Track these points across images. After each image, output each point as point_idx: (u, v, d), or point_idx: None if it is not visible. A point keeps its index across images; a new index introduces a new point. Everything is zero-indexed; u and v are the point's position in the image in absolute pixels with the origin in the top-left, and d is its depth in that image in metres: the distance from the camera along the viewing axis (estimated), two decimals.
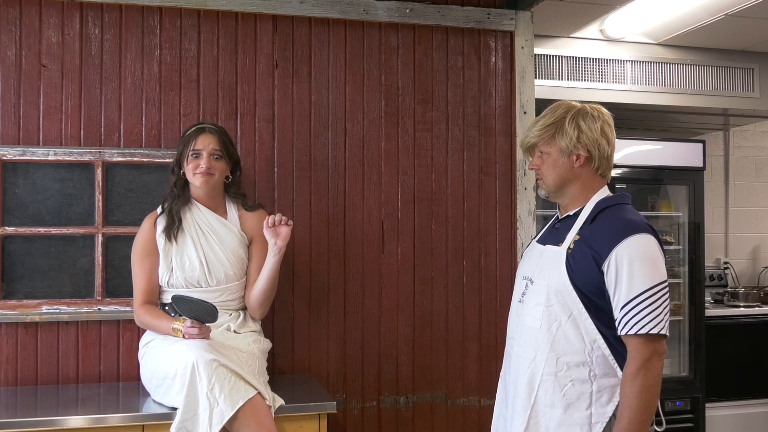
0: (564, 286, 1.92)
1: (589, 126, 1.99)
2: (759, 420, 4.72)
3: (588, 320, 1.90)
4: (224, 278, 2.56)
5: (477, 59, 3.25)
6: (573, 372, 1.91)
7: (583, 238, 1.94)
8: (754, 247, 5.61)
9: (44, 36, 2.83)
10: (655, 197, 4.73)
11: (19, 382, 2.76)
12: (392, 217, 3.12)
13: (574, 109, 2.02)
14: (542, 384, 1.94)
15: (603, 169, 2.03)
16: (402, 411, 3.10)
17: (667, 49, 4.43)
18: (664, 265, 1.90)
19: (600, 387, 1.90)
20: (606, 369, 1.90)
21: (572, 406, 1.90)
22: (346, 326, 3.06)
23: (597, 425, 1.88)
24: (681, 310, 4.52)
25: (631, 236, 1.87)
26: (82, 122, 2.85)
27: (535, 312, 1.98)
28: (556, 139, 2.00)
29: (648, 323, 1.81)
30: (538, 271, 2.02)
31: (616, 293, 1.86)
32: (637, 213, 2.00)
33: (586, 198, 2.02)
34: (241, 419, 2.20)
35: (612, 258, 1.86)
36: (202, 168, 2.54)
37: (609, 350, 1.89)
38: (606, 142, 2.00)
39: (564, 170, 2.02)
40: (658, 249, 1.91)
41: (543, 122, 2.04)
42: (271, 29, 3.03)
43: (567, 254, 1.94)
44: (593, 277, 1.89)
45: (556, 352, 1.92)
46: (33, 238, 2.79)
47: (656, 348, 1.83)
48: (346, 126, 3.10)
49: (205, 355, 2.23)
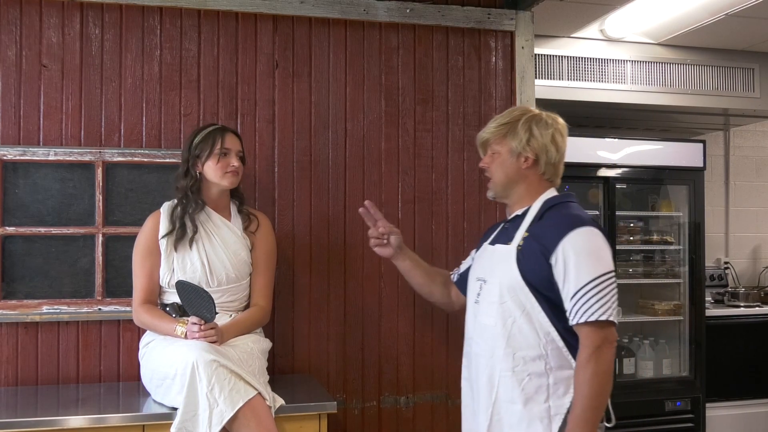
0: (516, 282, 2.00)
1: (541, 132, 2.10)
2: (759, 420, 4.72)
3: (541, 314, 1.97)
4: (225, 279, 2.55)
5: (477, 59, 3.25)
6: (529, 366, 1.97)
7: (531, 235, 2.03)
8: (755, 247, 5.61)
9: (44, 36, 2.83)
10: (655, 197, 4.73)
11: (20, 382, 2.76)
12: (393, 217, 3.12)
13: (530, 114, 2.14)
14: (501, 380, 2.00)
15: (550, 174, 2.14)
16: (402, 411, 3.10)
17: (667, 49, 4.43)
18: (610, 255, 1.98)
19: (556, 379, 1.96)
20: (561, 361, 1.97)
21: (531, 399, 1.97)
22: (346, 326, 3.06)
23: (556, 417, 1.95)
24: (681, 310, 4.51)
25: (577, 229, 1.96)
26: (83, 122, 2.85)
27: (490, 310, 2.05)
28: (508, 138, 2.11)
29: (596, 311, 1.88)
30: (490, 271, 2.10)
31: (565, 284, 1.94)
32: (582, 209, 2.11)
33: (533, 198, 2.12)
34: (241, 419, 2.20)
35: (559, 251, 1.94)
36: (234, 167, 2.52)
37: (562, 342, 1.97)
38: (555, 149, 2.12)
39: (511, 170, 2.12)
40: (603, 241, 1.99)
41: (499, 121, 2.15)
42: (271, 29, 3.03)
43: (517, 251, 2.03)
44: (543, 271, 1.97)
45: (513, 348, 1.99)
46: (33, 238, 2.79)
47: (606, 335, 1.90)
48: (347, 126, 3.10)
49: (205, 355, 2.23)
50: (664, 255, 4.67)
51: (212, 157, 2.51)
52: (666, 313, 4.48)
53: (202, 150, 2.52)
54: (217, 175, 2.52)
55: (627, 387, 4.31)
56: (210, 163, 2.52)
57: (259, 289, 2.63)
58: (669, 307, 4.48)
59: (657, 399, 4.35)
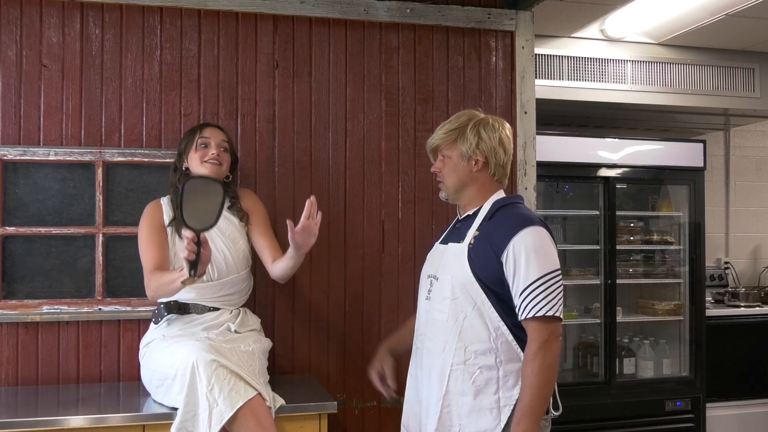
0: (467, 278, 2.06)
1: (489, 135, 2.16)
2: (760, 420, 4.72)
3: (491, 309, 2.04)
4: (225, 270, 2.55)
5: (477, 59, 3.25)
6: (480, 359, 2.04)
7: (482, 234, 2.10)
8: (755, 247, 5.61)
9: (45, 36, 2.83)
10: (655, 197, 4.73)
11: (20, 382, 2.76)
12: (393, 217, 3.12)
13: (477, 118, 2.20)
14: (453, 373, 2.06)
15: (499, 176, 2.21)
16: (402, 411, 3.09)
17: (667, 49, 4.43)
18: (556, 254, 2.06)
19: (506, 372, 2.03)
20: (510, 354, 2.03)
21: (481, 392, 2.03)
22: (346, 326, 3.06)
23: (505, 408, 2.01)
24: (681, 310, 4.52)
25: (526, 228, 2.03)
26: (83, 122, 2.85)
27: (442, 306, 2.11)
28: (458, 143, 2.18)
29: (543, 307, 1.96)
30: (441, 268, 2.17)
31: (514, 281, 2.01)
32: (530, 210, 2.21)
33: (484, 199, 2.19)
34: (240, 420, 2.20)
35: (509, 249, 2.01)
36: (213, 154, 2.55)
37: (512, 336, 2.04)
38: (503, 151, 2.19)
39: (463, 173, 2.18)
40: (550, 240, 2.08)
41: (447, 127, 2.22)
42: (271, 29, 3.03)
43: (468, 249, 2.10)
44: (493, 269, 2.04)
45: (464, 342, 2.06)
46: (34, 238, 2.79)
47: (553, 330, 1.98)
48: (347, 126, 3.10)
49: (205, 355, 2.23)
50: (665, 255, 4.68)
51: (192, 149, 2.57)
52: (666, 313, 4.49)
53: (185, 145, 2.60)
54: (195, 164, 2.56)
55: (627, 387, 4.32)
56: (192, 155, 2.57)
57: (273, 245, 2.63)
58: (669, 307, 4.49)
59: (657, 399, 4.35)
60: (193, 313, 2.52)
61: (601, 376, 4.31)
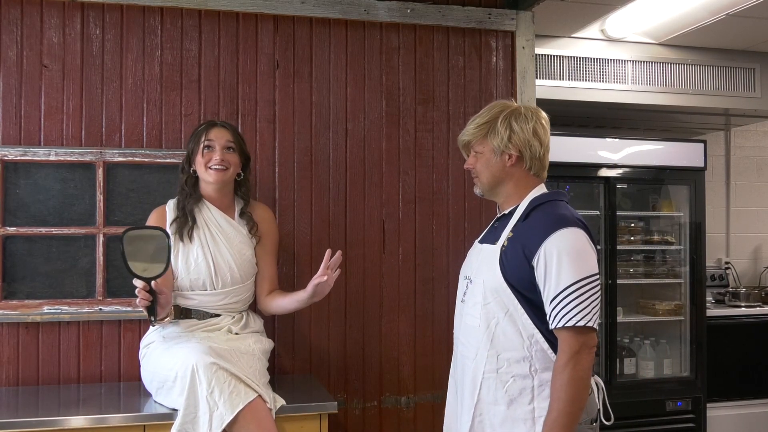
0: (498, 283, 1.95)
1: (521, 126, 2.01)
2: (760, 420, 4.72)
3: (524, 316, 1.92)
4: (230, 280, 2.52)
5: (478, 59, 3.25)
6: (514, 368, 1.93)
7: (516, 236, 1.97)
8: (756, 247, 5.61)
9: (45, 36, 2.83)
10: (656, 197, 4.72)
11: (21, 382, 2.76)
12: (393, 217, 3.12)
13: (508, 109, 2.05)
14: (484, 381, 1.96)
15: (536, 169, 2.06)
16: (403, 411, 3.10)
17: (668, 49, 4.43)
18: (595, 258, 1.92)
19: (541, 381, 1.91)
20: (546, 363, 1.91)
21: (515, 401, 1.92)
22: (347, 326, 3.06)
23: (540, 419, 1.89)
24: (682, 310, 4.51)
25: (560, 230, 1.89)
26: (83, 122, 2.85)
27: (474, 311, 2.01)
28: (488, 138, 2.04)
29: (575, 316, 1.83)
30: (476, 271, 2.06)
31: (545, 287, 1.88)
32: (570, 208, 2.02)
33: (521, 196, 2.05)
34: (241, 422, 2.19)
35: (541, 252, 1.88)
36: (216, 160, 2.49)
37: (547, 344, 1.91)
38: (538, 143, 2.03)
39: (496, 169, 2.04)
40: (588, 242, 1.92)
41: (478, 121, 2.08)
42: (272, 29, 3.03)
43: (501, 252, 1.97)
44: (525, 273, 1.91)
45: (496, 349, 1.95)
46: (34, 239, 2.79)
47: (585, 341, 1.85)
48: (347, 126, 3.10)
49: (205, 358, 2.22)
50: (665, 255, 4.67)
51: (198, 151, 2.51)
52: (667, 313, 4.48)
53: (192, 147, 2.55)
54: (201, 170, 2.52)
55: (628, 387, 4.31)
56: (197, 159, 2.52)
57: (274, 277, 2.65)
58: (670, 307, 4.48)
59: (658, 399, 4.34)
60: (194, 319, 2.52)
61: (602, 376, 4.31)
